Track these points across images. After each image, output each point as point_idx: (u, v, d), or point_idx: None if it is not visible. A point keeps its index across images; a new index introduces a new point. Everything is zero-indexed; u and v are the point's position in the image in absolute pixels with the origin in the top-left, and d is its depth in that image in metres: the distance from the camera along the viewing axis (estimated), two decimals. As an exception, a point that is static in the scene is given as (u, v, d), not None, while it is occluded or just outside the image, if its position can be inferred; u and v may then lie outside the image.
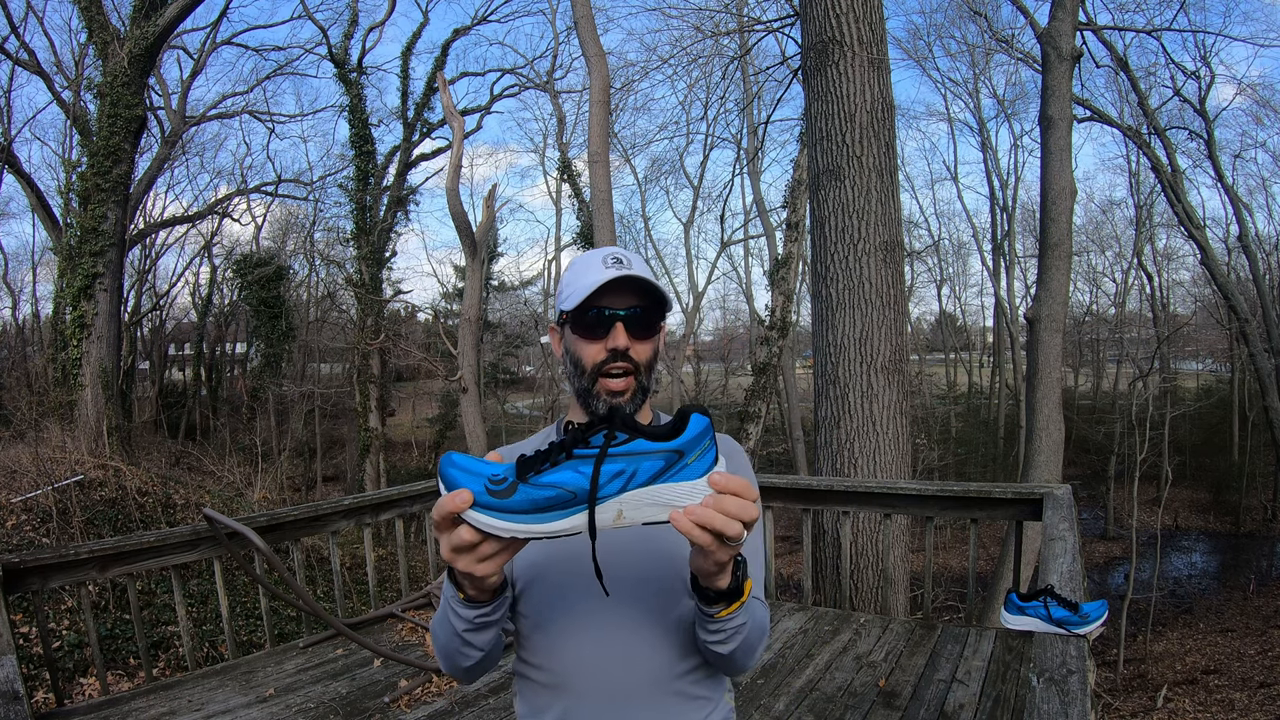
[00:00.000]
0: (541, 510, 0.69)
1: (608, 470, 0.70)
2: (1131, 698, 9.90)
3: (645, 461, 0.70)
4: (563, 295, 1.01)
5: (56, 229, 13.24)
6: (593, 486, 0.69)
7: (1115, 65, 14.12)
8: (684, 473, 0.70)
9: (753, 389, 13.29)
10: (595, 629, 0.97)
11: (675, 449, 0.70)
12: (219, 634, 6.06)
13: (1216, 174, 15.90)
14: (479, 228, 11.19)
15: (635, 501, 0.70)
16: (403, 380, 27.18)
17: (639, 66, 20.36)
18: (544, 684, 1.01)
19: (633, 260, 0.98)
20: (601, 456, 0.70)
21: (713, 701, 1.03)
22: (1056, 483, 4.51)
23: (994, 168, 23.08)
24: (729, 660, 0.94)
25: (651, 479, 0.70)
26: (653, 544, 0.96)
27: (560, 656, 0.99)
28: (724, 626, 0.87)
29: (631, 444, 0.70)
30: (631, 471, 0.70)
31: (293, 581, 3.53)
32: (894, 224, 5.02)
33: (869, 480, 4.68)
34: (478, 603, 0.86)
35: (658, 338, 1.02)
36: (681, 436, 0.71)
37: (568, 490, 0.69)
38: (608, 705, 0.97)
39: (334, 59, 17.09)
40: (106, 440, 9.25)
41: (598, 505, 0.69)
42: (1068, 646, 1.82)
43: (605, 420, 0.72)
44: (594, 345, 0.98)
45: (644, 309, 0.98)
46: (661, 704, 0.98)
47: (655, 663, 0.97)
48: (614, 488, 0.70)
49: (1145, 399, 17.03)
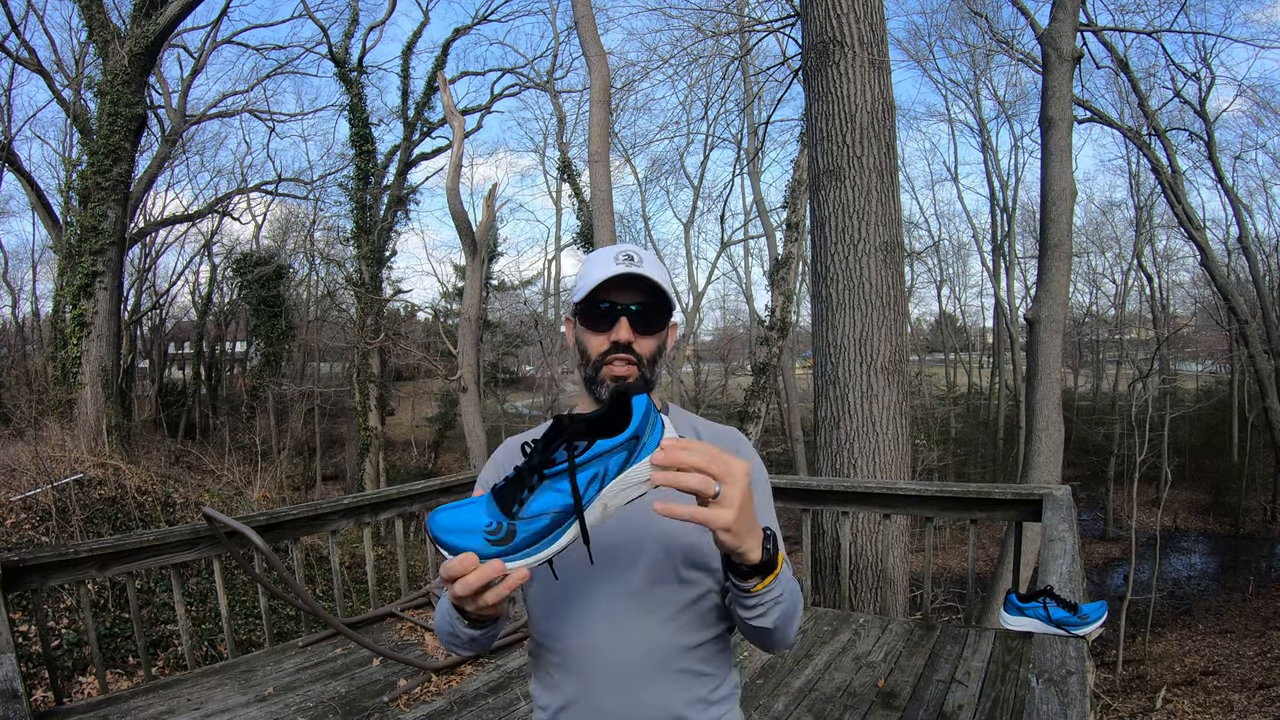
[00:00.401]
0: (541, 539, 0.75)
1: (582, 479, 0.74)
2: (1130, 699, 9.90)
3: (611, 459, 0.75)
4: (576, 288, 1.07)
5: (56, 227, 13.24)
6: (576, 501, 0.74)
7: (1116, 66, 14.11)
8: (644, 452, 0.75)
9: (752, 389, 13.29)
10: (603, 611, 1.01)
11: (631, 436, 0.75)
12: (218, 633, 6.06)
13: (1217, 175, 15.90)
14: (479, 227, 11.19)
15: (613, 492, 0.75)
16: (402, 380, 27.18)
17: (639, 66, 20.30)
18: (556, 664, 1.05)
19: (644, 258, 1.02)
20: (572, 470, 0.74)
21: (718, 677, 1.06)
22: (1056, 484, 4.52)
23: (994, 169, 23.10)
24: (771, 635, 0.95)
25: (620, 469, 0.75)
26: (654, 527, 0.99)
27: (570, 637, 1.03)
28: (761, 600, 0.88)
29: (593, 448, 0.75)
30: (603, 472, 0.75)
31: (292, 580, 3.53)
32: (894, 224, 5.02)
33: (868, 480, 4.68)
34: (480, 623, 0.90)
35: (663, 334, 1.07)
36: (632, 423, 0.75)
37: (556, 512, 0.75)
38: (617, 683, 1.00)
39: (334, 58, 17.09)
40: (106, 439, 9.26)
41: (584, 511, 0.75)
42: (1067, 647, 1.82)
43: (556, 433, 0.76)
44: (599, 337, 1.04)
45: (649, 305, 1.03)
46: (669, 681, 1.01)
47: (662, 641, 1.00)
48: (593, 491, 0.75)
49: (1145, 400, 17.03)
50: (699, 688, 1.03)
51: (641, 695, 1.00)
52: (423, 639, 3.87)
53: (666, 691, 1.00)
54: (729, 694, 1.08)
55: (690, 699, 1.02)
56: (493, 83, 20.08)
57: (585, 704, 1.02)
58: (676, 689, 1.01)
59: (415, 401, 27.98)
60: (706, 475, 0.74)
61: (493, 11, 18.77)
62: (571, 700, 1.03)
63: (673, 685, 1.01)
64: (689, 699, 1.02)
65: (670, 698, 1.01)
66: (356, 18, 17.41)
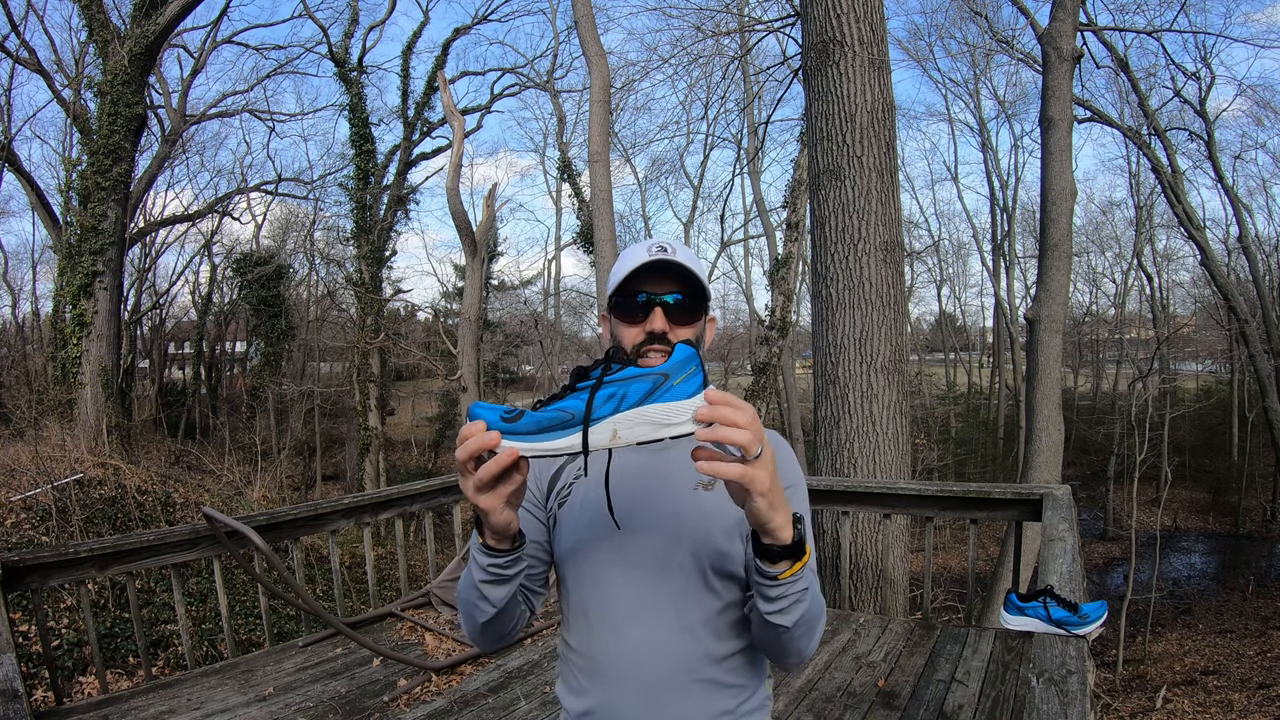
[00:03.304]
0: (544, 430, 0.77)
1: (601, 394, 0.77)
2: (1130, 698, 9.90)
3: (634, 384, 0.77)
4: (610, 281, 1.05)
5: (56, 227, 13.23)
6: (587, 407, 0.76)
7: (1116, 66, 14.11)
8: (671, 393, 0.76)
9: (753, 389, 13.30)
10: (630, 617, 0.99)
11: (662, 372, 0.77)
12: (218, 633, 6.06)
13: (1216, 175, 15.91)
14: (479, 227, 11.19)
15: (628, 421, 0.76)
16: (402, 379, 27.20)
17: (639, 66, 20.35)
18: (582, 669, 1.04)
19: (677, 249, 1.01)
20: (597, 385, 0.77)
21: (748, 689, 1.03)
22: (1056, 483, 4.51)
23: (994, 168, 23.12)
24: (789, 639, 0.90)
25: (641, 399, 0.76)
26: (685, 536, 0.98)
27: (598, 643, 1.02)
28: (787, 591, 0.84)
29: (623, 371, 0.78)
30: (622, 394, 0.76)
31: (292, 580, 3.53)
32: (894, 224, 5.01)
33: (868, 480, 4.68)
34: (495, 551, 0.89)
35: (699, 325, 1.05)
36: (667, 362, 0.78)
37: (567, 412, 0.77)
38: (642, 692, 0.98)
39: (334, 58, 17.09)
40: (106, 439, 9.26)
41: (593, 425, 0.76)
42: (1067, 647, 1.82)
43: (607, 359, 0.80)
44: (633, 328, 1.02)
45: (684, 295, 1.02)
46: (695, 691, 0.99)
47: (690, 651, 0.98)
48: (608, 409, 0.76)
49: (1145, 400, 17.03)
50: (726, 699, 1.01)
51: (664, 705, 0.98)
52: (423, 639, 3.87)
53: (692, 703, 0.98)
54: (759, 706, 1.05)
55: (716, 711, 1.00)
56: (493, 83, 20.12)
57: (609, 711, 1.00)
58: (702, 700, 0.99)
59: (415, 401, 27.99)
60: (753, 436, 0.73)
61: (493, 11, 18.79)
62: (596, 707, 1.02)
63: (698, 696, 0.99)
64: (715, 711, 0.99)
65: (696, 709, 0.99)
66: (356, 18, 17.42)
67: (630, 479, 1.00)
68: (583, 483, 1.03)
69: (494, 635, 1.01)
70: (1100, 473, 20.75)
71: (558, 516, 1.06)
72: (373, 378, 16.64)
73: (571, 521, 1.04)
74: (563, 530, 1.05)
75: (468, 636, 1.06)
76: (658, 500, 1.00)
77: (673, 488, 1.01)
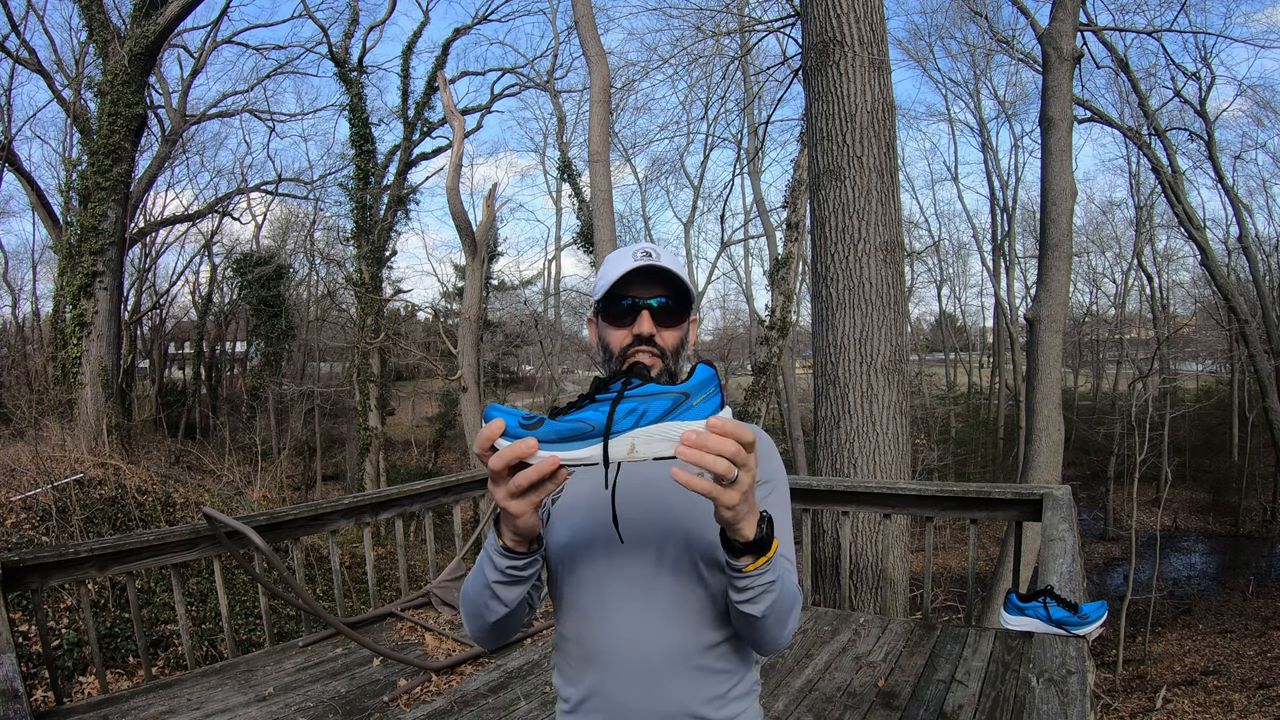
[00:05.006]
0: (564, 439, 0.78)
1: (622, 409, 0.78)
2: (1130, 698, 9.90)
3: (655, 401, 0.78)
4: (596, 287, 1.09)
5: (57, 227, 13.23)
6: (608, 421, 0.77)
7: (1116, 66, 14.11)
8: (690, 412, 0.78)
9: (753, 389, 13.30)
10: (623, 606, 1.02)
11: (682, 391, 0.79)
12: (218, 633, 6.06)
13: (1217, 175, 15.90)
14: (479, 227, 11.18)
15: (646, 436, 0.78)
16: (402, 379, 27.19)
17: (639, 66, 20.31)
18: (577, 657, 1.07)
19: (662, 254, 1.04)
20: (618, 398, 0.79)
21: (737, 674, 1.07)
22: (1056, 483, 4.51)
23: (994, 168, 23.12)
24: (761, 626, 0.94)
25: (660, 416, 0.78)
26: (679, 527, 1.02)
27: (591, 631, 1.05)
28: (753, 583, 0.88)
29: (644, 387, 0.79)
30: (643, 410, 0.78)
31: (292, 580, 3.53)
32: (894, 224, 5.01)
33: (869, 480, 4.68)
34: (514, 553, 0.91)
35: (684, 327, 1.09)
36: (688, 381, 0.79)
37: (587, 423, 0.78)
38: (635, 678, 1.02)
39: (334, 58, 17.09)
40: (106, 439, 9.25)
41: (613, 439, 0.78)
42: (1067, 647, 1.82)
43: (627, 373, 0.82)
44: (621, 331, 1.06)
45: (669, 298, 1.05)
46: (687, 677, 1.02)
47: (681, 639, 1.02)
48: (628, 424, 0.78)
49: (1145, 400, 17.02)
50: (717, 685, 1.04)
51: (660, 691, 1.01)
52: (423, 639, 3.87)
53: (684, 688, 1.02)
54: (747, 691, 1.09)
55: (708, 696, 1.03)
56: (493, 83, 20.11)
57: (604, 698, 1.04)
58: (695, 686, 1.02)
59: (415, 401, 27.98)
60: (731, 464, 0.76)
61: (493, 11, 18.79)
62: (591, 694, 1.05)
63: (691, 682, 1.02)
64: (706, 696, 1.03)
65: (688, 694, 1.02)
66: (356, 18, 17.42)
67: (622, 472, 1.02)
68: (575, 478, 1.06)
69: (500, 634, 1.04)
70: (1100, 473, 20.75)
71: (550, 512, 1.10)
72: (373, 378, 16.64)
73: (565, 516, 1.08)
74: (556, 525, 1.08)
75: (472, 636, 1.07)
76: (650, 492, 1.04)
77: (664, 480, 1.03)
